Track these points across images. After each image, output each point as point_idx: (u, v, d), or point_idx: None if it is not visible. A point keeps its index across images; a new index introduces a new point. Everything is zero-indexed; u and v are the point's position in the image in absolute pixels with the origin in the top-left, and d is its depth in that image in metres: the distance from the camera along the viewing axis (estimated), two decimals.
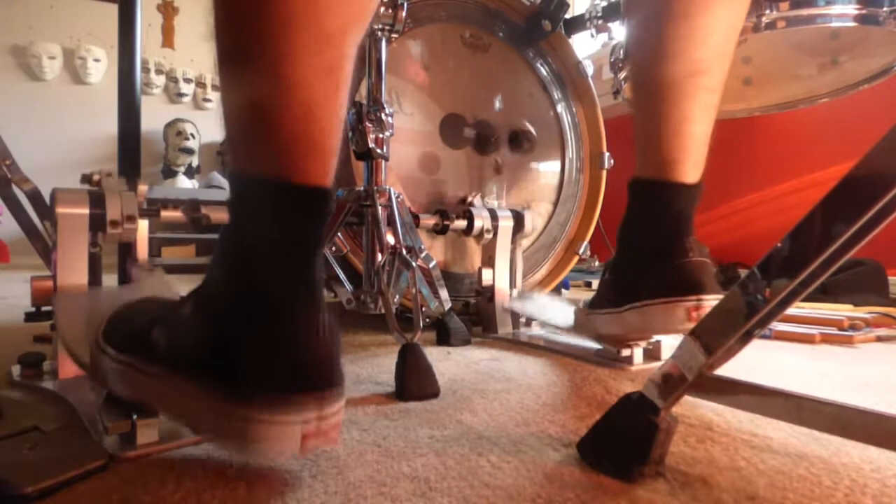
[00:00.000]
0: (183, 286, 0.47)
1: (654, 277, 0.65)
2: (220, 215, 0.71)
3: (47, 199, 0.62)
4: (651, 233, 0.66)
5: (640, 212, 0.69)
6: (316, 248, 0.39)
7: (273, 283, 0.37)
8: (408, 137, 1.06)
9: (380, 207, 0.79)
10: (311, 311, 0.37)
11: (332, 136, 0.39)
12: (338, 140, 0.40)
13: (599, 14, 1.26)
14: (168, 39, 3.55)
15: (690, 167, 0.65)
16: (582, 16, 1.29)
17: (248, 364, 0.35)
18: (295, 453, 0.36)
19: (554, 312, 0.92)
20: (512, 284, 1.00)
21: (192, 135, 3.34)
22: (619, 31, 1.33)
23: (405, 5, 0.80)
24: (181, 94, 3.55)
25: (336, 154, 0.40)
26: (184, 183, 3.28)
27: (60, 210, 0.58)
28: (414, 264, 0.72)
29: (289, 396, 0.35)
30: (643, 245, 0.67)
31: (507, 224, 0.97)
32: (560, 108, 1.24)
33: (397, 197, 0.81)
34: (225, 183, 3.05)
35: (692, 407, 0.54)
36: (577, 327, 0.79)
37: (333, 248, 0.89)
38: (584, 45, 2.17)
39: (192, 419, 0.39)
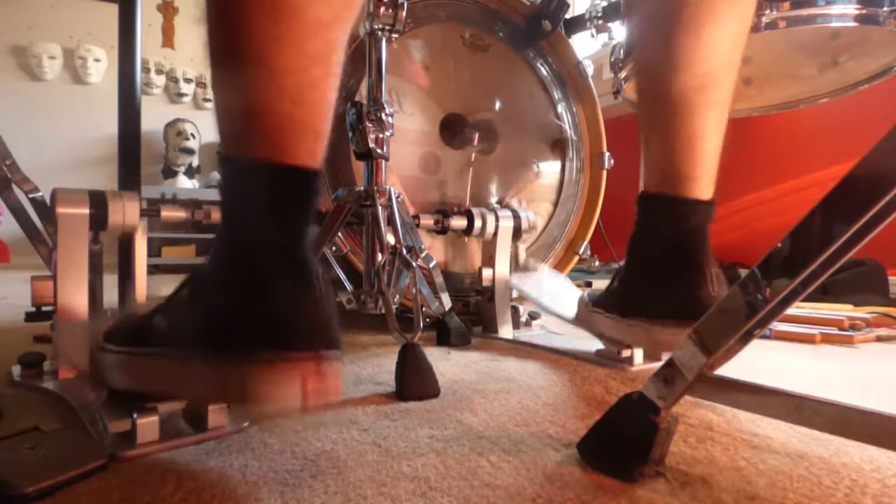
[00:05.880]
0: None
1: (667, 300, 0.61)
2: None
3: (47, 200, 0.62)
4: (667, 251, 0.63)
5: (655, 228, 0.65)
6: (305, 225, 0.40)
7: (264, 257, 0.38)
8: (408, 137, 1.06)
9: (380, 207, 0.79)
10: (303, 281, 0.38)
11: (321, 119, 0.40)
12: (327, 123, 0.41)
13: (599, 14, 1.26)
14: (168, 39, 3.54)
15: (705, 182, 0.63)
16: (582, 16, 1.29)
17: (245, 331, 0.36)
18: (297, 399, 0.36)
19: (555, 296, 0.91)
20: None
21: (192, 135, 3.33)
22: (619, 31, 1.33)
23: (405, 5, 0.80)
24: (181, 94, 3.54)
25: (325, 136, 0.41)
26: (184, 183, 3.28)
27: (60, 210, 0.58)
28: (414, 264, 0.72)
29: (286, 352, 0.36)
30: (657, 261, 0.64)
31: (507, 224, 0.97)
32: (560, 108, 1.24)
33: (397, 197, 0.81)
34: None
35: (692, 407, 0.54)
36: (579, 320, 0.79)
37: (333, 248, 0.89)
38: (584, 45, 2.17)
39: (194, 389, 0.40)
